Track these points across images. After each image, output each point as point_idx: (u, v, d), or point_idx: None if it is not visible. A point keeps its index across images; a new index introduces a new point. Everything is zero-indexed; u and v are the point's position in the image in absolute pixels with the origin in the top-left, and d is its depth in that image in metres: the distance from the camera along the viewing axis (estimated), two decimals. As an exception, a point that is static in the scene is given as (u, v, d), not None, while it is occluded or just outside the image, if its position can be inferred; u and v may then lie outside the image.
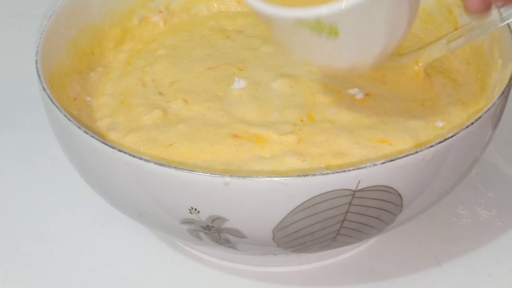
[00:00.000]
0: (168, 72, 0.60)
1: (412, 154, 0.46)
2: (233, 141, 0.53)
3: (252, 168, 0.51)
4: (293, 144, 0.52)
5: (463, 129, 0.48)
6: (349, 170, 0.45)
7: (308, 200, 0.45)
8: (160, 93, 0.58)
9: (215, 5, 0.67)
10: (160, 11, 0.66)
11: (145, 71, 0.60)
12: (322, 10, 0.46)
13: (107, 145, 0.47)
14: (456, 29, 0.60)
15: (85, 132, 0.48)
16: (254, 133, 0.53)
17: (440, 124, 0.54)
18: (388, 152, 0.51)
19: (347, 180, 0.45)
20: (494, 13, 0.55)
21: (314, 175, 0.45)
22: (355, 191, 0.46)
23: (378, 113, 0.55)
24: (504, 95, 0.51)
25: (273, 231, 0.47)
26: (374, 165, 0.45)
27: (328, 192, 0.45)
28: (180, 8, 0.67)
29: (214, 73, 0.59)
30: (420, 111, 0.55)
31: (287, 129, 0.53)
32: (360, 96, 0.56)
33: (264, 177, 0.45)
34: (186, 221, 0.48)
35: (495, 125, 0.52)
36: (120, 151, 0.47)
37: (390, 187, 0.47)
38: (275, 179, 0.45)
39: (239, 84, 0.58)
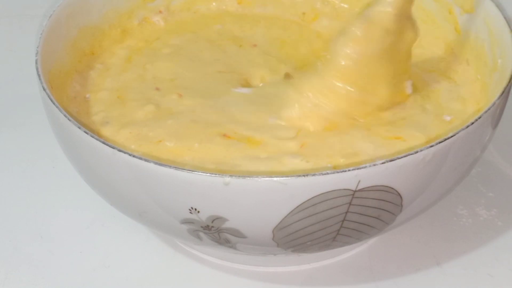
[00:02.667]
0: (171, 70, 0.60)
1: (412, 154, 0.46)
2: (223, 141, 0.52)
3: (246, 169, 0.51)
4: (295, 148, 0.52)
5: (463, 129, 0.48)
6: (349, 170, 0.45)
7: (308, 200, 0.45)
8: (157, 89, 0.58)
9: (214, 4, 0.67)
10: (160, 12, 0.66)
11: (145, 68, 0.60)
12: None
13: (107, 145, 0.47)
14: (456, 29, 0.60)
15: (85, 132, 0.48)
16: (247, 136, 0.53)
17: (447, 118, 0.54)
18: (401, 149, 0.51)
19: (347, 180, 0.45)
20: None
21: (314, 175, 0.45)
22: (355, 191, 0.46)
23: (393, 106, 0.55)
24: (504, 95, 0.51)
25: (273, 231, 0.47)
26: (374, 165, 0.45)
27: (328, 192, 0.45)
28: (180, 8, 0.66)
29: (222, 76, 0.59)
30: (428, 103, 0.55)
31: (289, 134, 0.53)
32: None
33: (264, 177, 0.45)
34: (186, 221, 0.48)
35: (495, 125, 0.52)
36: (120, 151, 0.47)
37: (390, 187, 0.47)
38: (275, 179, 0.45)
39: (243, 90, 0.57)
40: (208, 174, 0.45)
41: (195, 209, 0.47)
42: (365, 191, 0.46)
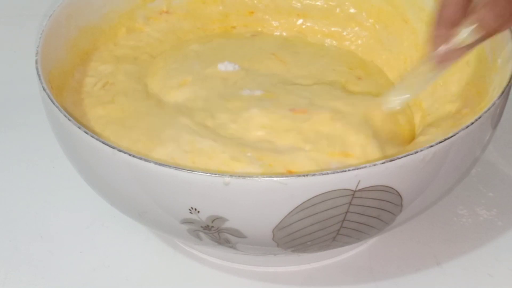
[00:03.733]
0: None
1: (412, 154, 0.46)
2: None
3: None
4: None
5: (463, 129, 0.48)
6: (349, 170, 0.45)
7: (308, 200, 0.45)
8: None
9: (220, 8, 0.67)
10: (161, 12, 0.66)
11: None
12: None
13: (107, 145, 0.47)
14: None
15: (85, 132, 0.48)
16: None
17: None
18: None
19: (347, 180, 0.45)
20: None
21: (314, 175, 0.45)
22: (355, 191, 0.46)
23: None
24: (504, 95, 0.51)
25: (273, 231, 0.47)
26: (374, 165, 0.45)
27: (328, 192, 0.45)
28: (180, 8, 0.66)
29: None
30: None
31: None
32: None
33: (264, 177, 0.45)
34: (186, 221, 0.48)
35: (495, 125, 0.52)
36: (120, 151, 0.47)
37: (390, 187, 0.47)
38: (275, 179, 0.45)
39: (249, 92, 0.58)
40: (208, 174, 0.45)
41: (195, 209, 0.47)
42: (365, 191, 0.46)
